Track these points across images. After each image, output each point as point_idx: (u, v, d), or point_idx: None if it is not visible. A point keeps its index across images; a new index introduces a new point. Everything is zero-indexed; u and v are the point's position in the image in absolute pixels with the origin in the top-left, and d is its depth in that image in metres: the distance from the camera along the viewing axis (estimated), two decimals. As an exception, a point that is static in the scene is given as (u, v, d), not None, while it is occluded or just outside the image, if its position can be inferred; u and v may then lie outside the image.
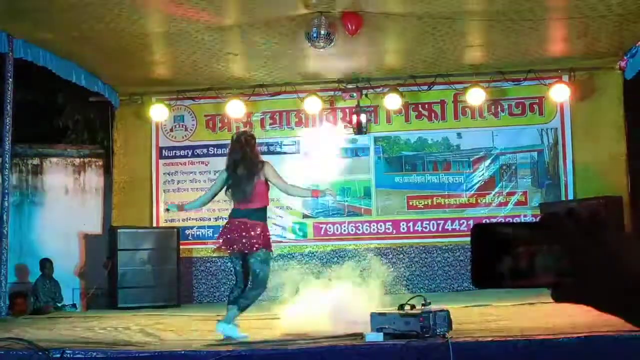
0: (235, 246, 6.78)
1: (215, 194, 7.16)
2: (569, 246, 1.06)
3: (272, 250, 7.03)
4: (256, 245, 6.74)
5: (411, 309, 5.79)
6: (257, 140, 7.23)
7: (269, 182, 6.92)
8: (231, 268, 7.50)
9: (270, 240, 6.97)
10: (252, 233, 6.76)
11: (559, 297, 1.06)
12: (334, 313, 6.82)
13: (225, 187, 7.01)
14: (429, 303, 5.88)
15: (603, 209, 10.19)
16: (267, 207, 7.07)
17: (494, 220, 11.25)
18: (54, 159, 13.16)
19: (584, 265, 1.05)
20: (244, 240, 6.73)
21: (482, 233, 1.10)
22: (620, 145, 11.43)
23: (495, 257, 1.08)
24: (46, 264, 12.10)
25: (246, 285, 6.92)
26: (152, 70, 11.47)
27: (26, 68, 9.94)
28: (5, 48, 9.38)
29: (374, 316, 5.87)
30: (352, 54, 10.45)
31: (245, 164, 6.90)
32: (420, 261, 11.65)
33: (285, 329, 6.86)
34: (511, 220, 10.75)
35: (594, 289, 1.05)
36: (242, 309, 6.68)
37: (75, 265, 12.67)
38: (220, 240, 6.91)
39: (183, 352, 5.78)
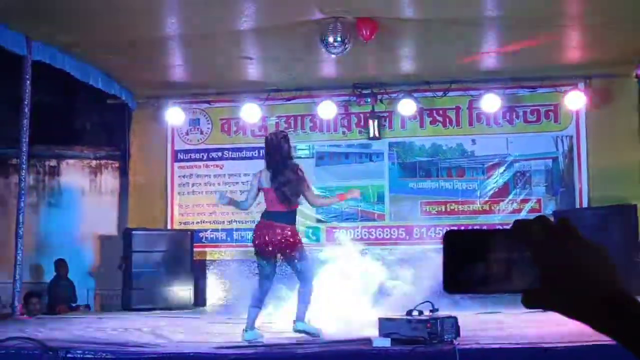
0: (274, 248, 6.82)
1: (256, 196, 7.15)
2: (539, 253, 1.07)
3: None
4: (298, 245, 6.83)
5: (419, 314, 5.80)
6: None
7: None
8: (251, 270, 7.43)
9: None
10: (292, 234, 6.82)
11: (528, 303, 1.07)
12: (343, 316, 6.87)
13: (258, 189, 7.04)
14: (437, 309, 5.89)
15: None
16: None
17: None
18: (71, 161, 13.25)
19: (553, 273, 1.06)
20: (285, 242, 6.79)
21: (454, 238, 1.10)
22: (636, 153, 11.32)
23: (467, 263, 1.09)
24: (61, 265, 12.18)
25: (270, 288, 6.97)
26: (169, 74, 11.54)
27: (44, 70, 10.00)
28: (23, 50, 9.44)
29: (381, 321, 5.89)
30: (366, 59, 10.46)
31: (287, 165, 6.94)
32: (433, 266, 11.60)
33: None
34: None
35: (561, 296, 1.06)
36: (308, 304, 6.72)
37: (90, 266, 12.74)
38: (257, 242, 6.91)
39: (192, 353, 5.81)
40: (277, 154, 6.98)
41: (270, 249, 6.83)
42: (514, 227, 1.09)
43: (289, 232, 6.86)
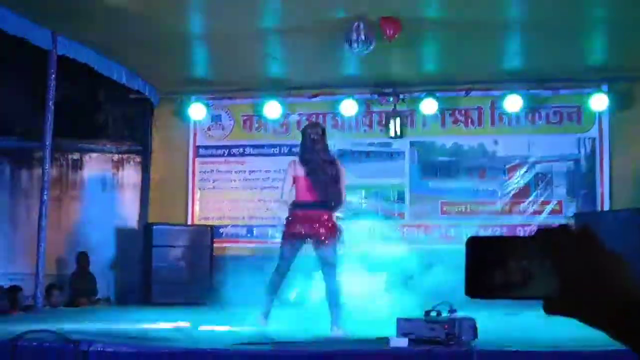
0: (304, 233, 6.87)
1: (292, 185, 7.13)
2: (560, 261, 1.08)
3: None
4: (328, 232, 6.87)
5: (437, 315, 5.80)
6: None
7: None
8: (271, 266, 7.43)
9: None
10: (327, 224, 6.86)
11: (549, 310, 1.08)
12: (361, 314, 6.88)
13: (291, 179, 7.06)
14: (455, 310, 5.88)
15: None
16: (341, 201, 7.15)
17: (526, 229, 11.24)
18: (94, 154, 13.32)
19: (574, 281, 1.07)
20: (320, 231, 6.83)
21: (477, 245, 1.12)
22: (659, 157, 11.30)
23: (489, 269, 1.10)
24: (82, 257, 12.27)
25: (284, 277, 6.99)
26: (192, 70, 11.61)
27: (68, 64, 10.08)
28: (49, 45, 9.54)
29: (399, 321, 5.89)
30: (389, 58, 10.45)
31: (324, 156, 6.97)
32: (452, 266, 11.58)
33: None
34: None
35: (582, 304, 1.07)
36: (340, 306, 6.78)
37: (111, 259, 12.81)
38: (288, 230, 6.97)
39: (210, 349, 5.84)
40: (313, 145, 7.05)
41: (299, 233, 6.87)
42: (537, 234, 1.11)
43: (326, 217, 6.88)
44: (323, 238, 6.83)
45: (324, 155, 7.02)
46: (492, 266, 1.10)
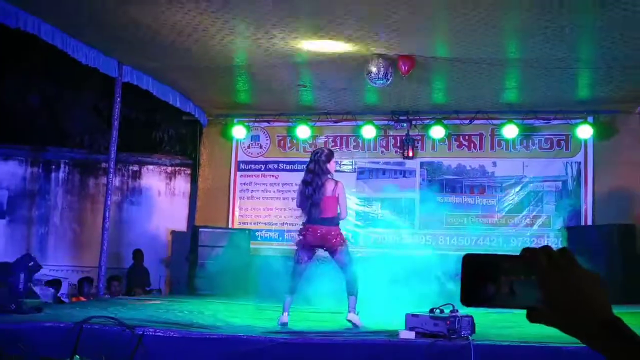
0: (313, 245, 6.83)
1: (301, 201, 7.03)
2: (542, 278, 1.08)
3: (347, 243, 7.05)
4: (337, 243, 6.80)
5: (441, 312, 5.77)
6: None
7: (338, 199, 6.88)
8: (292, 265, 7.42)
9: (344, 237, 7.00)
10: (330, 235, 6.80)
11: (532, 319, 1.09)
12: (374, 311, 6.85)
13: (297, 200, 7.06)
14: (457, 310, 5.85)
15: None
16: (339, 216, 6.94)
17: (519, 240, 11.15)
18: (150, 166, 13.42)
19: (553, 296, 1.07)
20: (324, 240, 6.79)
21: (471, 261, 1.12)
22: (636, 179, 11.13)
23: (481, 282, 1.10)
24: (138, 254, 12.37)
25: (300, 280, 6.97)
26: (236, 96, 11.66)
27: (131, 89, 10.18)
28: (115, 73, 9.65)
29: (408, 317, 5.87)
30: (404, 90, 10.43)
31: (315, 180, 6.90)
32: (455, 270, 11.51)
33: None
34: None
35: (560, 316, 1.07)
36: (355, 295, 6.72)
37: (163, 256, 12.89)
38: (300, 238, 6.93)
39: (245, 336, 5.85)
40: (307, 169, 6.96)
41: (308, 244, 6.85)
42: (522, 254, 1.11)
43: (331, 232, 6.85)
44: (330, 247, 6.82)
45: (320, 178, 6.90)
46: (484, 280, 1.11)
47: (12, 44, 10.65)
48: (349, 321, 6.62)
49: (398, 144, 12.03)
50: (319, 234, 6.82)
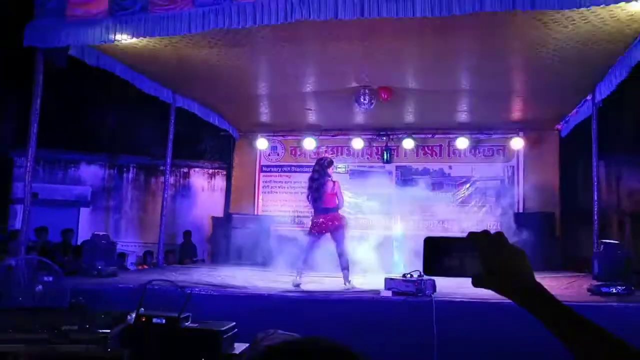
0: (323, 229, 6.79)
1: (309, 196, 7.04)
2: (483, 254, 1.08)
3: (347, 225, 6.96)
4: (340, 225, 6.76)
5: (410, 277, 5.78)
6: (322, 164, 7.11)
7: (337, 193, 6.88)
8: (303, 243, 7.38)
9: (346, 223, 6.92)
10: (335, 219, 6.77)
11: (476, 285, 1.09)
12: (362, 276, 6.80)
13: (307, 194, 7.04)
14: (422, 274, 5.84)
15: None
16: (338, 206, 6.92)
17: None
18: (196, 169, 13.41)
19: (491, 267, 1.07)
20: (329, 224, 6.75)
21: (431, 241, 1.13)
22: (555, 178, 11.16)
23: (438, 256, 1.11)
24: (187, 233, 12.35)
25: (310, 254, 6.94)
26: (259, 117, 11.64)
27: (182, 112, 10.15)
28: (170, 99, 9.65)
29: (386, 280, 5.87)
30: (384, 112, 10.43)
31: (319, 180, 6.90)
32: (417, 246, 11.44)
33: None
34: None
35: (496, 282, 1.07)
36: (347, 269, 6.66)
37: (206, 235, 12.89)
38: (313, 223, 6.90)
39: (266, 294, 5.86)
40: (312, 172, 6.99)
41: (319, 227, 6.82)
42: (469, 236, 1.11)
43: (335, 217, 6.82)
44: (334, 230, 6.79)
45: (321, 179, 6.90)
46: (440, 255, 1.11)
47: (91, 79, 10.60)
48: (352, 286, 6.59)
49: (379, 152, 12.01)
50: (326, 219, 6.82)
